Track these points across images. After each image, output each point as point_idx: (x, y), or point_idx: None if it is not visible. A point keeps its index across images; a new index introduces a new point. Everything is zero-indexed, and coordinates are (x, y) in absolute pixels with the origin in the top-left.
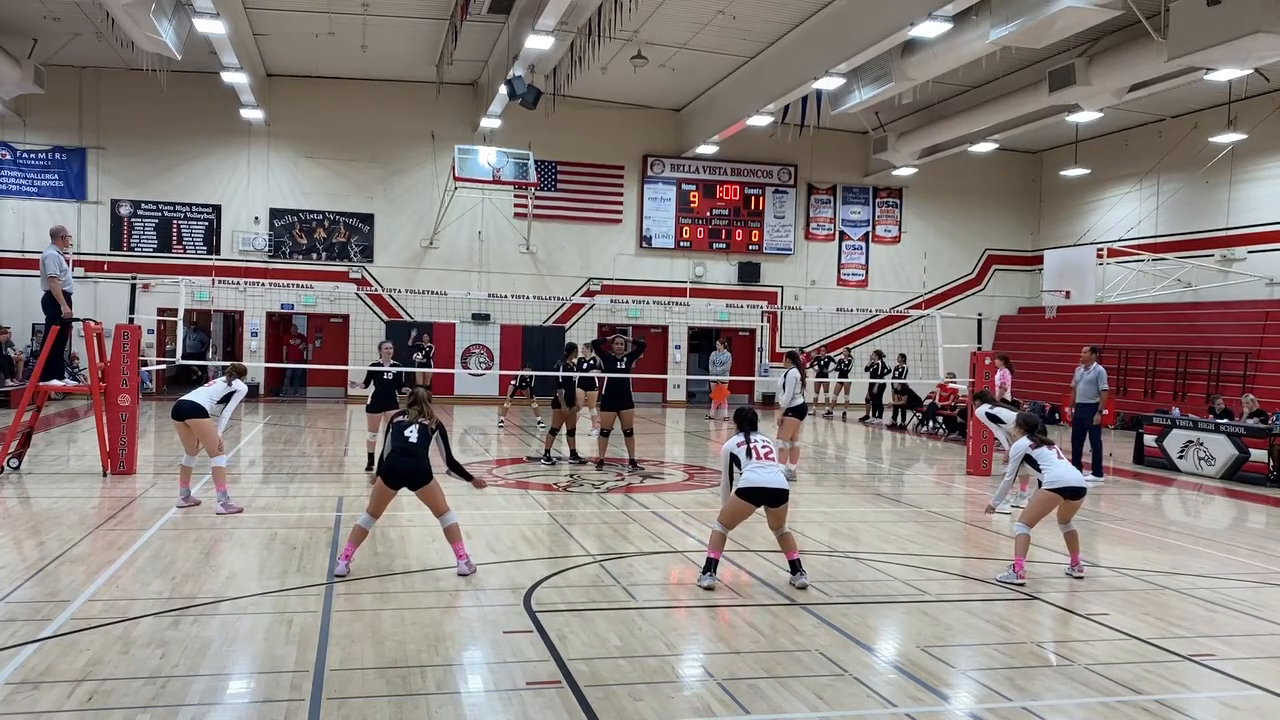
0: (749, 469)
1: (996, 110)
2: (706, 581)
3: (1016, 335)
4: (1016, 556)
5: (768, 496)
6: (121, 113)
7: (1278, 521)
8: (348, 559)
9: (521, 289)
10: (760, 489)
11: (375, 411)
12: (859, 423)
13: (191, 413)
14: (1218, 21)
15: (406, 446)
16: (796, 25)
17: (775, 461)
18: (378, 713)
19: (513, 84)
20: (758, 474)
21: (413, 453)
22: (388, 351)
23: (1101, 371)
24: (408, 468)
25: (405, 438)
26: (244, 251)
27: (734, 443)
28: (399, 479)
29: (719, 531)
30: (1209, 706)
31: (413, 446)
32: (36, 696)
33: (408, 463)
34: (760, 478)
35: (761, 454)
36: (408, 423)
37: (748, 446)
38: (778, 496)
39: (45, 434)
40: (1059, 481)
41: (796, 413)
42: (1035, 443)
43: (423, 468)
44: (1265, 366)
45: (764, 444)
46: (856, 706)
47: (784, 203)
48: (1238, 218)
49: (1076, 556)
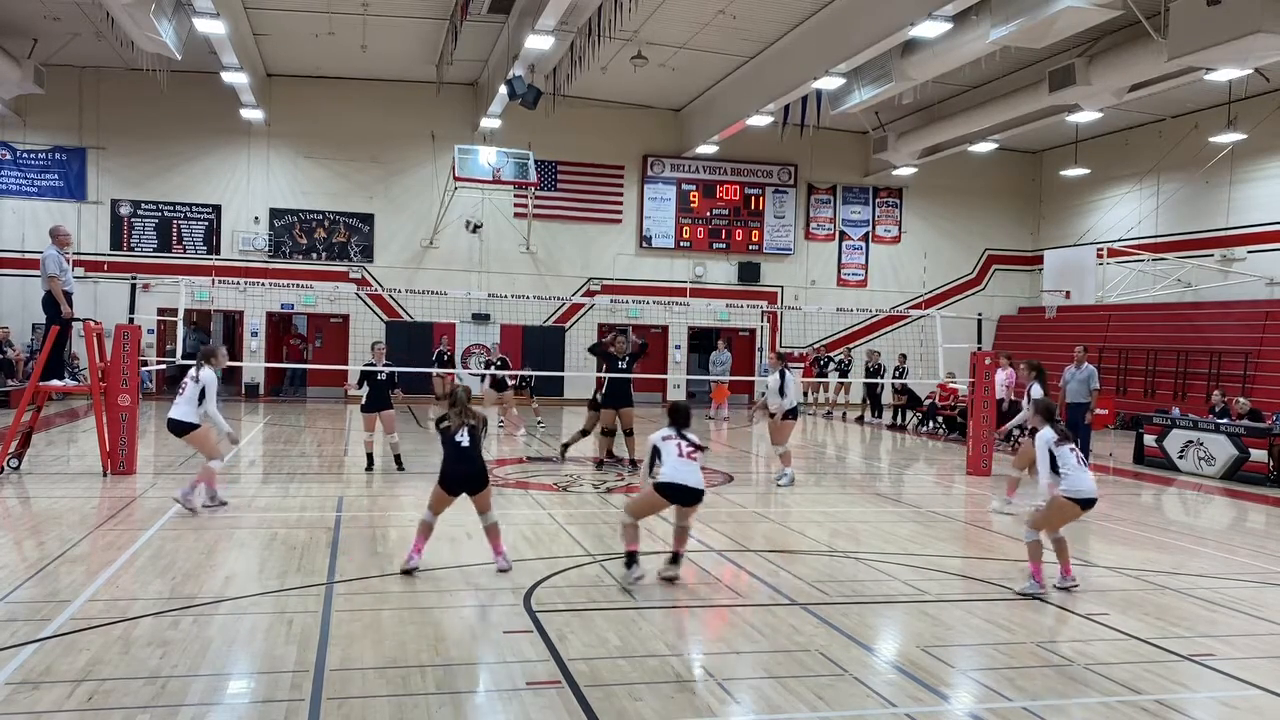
0: (671, 464)
1: (996, 110)
2: (634, 575)
3: (1016, 335)
4: (1033, 564)
5: (685, 495)
6: (121, 113)
7: (1278, 521)
8: (419, 553)
9: (521, 289)
10: (681, 486)
11: (370, 411)
12: (855, 422)
13: (182, 430)
14: (1218, 21)
15: (461, 453)
16: (796, 25)
17: (698, 463)
18: (378, 713)
19: (513, 84)
20: (681, 471)
21: (468, 458)
22: (380, 352)
23: (1093, 371)
24: (464, 474)
25: (458, 444)
26: (244, 251)
27: (661, 435)
28: (458, 486)
29: (630, 523)
30: (1209, 706)
31: (467, 451)
32: (36, 696)
33: (464, 469)
34: (683, 475)
35: (686, 453)
36: (456, 427)
37: (676, 443)
38: (694, 497)
39: (45, 434)
40: (1081, 491)
41: (793, 415)
42: (1058, 436)
43: (479, 471)
44: (1265, 366)
45: (690, 445)
46: (856, 706)
47: (784, 203)
48: (1238, 218)
49: (1069, 565)
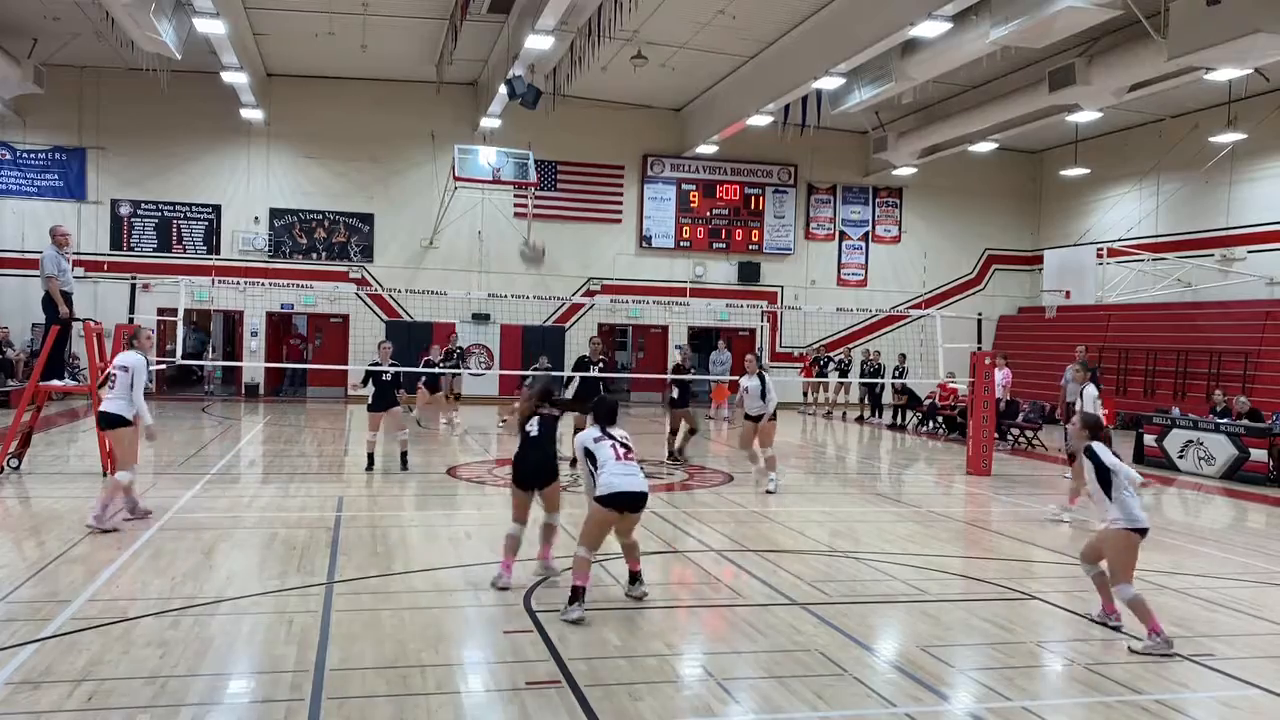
0: (609, 472)
1: (996, 110)
2: (574, 614)
3: (1016, 335)
4: (1147, 620)
5: (632, 502)
6: (121, 113)
7: (1278, 521)
8: (508, 570)
9: (521, 289)
10: (624, 494)
11: (377, 411)
12: (855, 422)
13: (113, 424)
14: (1218, 21)
15: (529, 440)
16: (796, 25)
17: (635, 461)
18: (378, 713)
19: (513, 84)
20: (621, 478)
21: (536, 445)
22: (386, 351)
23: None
24: (532, 462)
25: (527, 433)
26: (244, 251)
27: (591, 437)
28: (528, 479)
29: (583, 556)
30: (1209, 706)
31: (536, 439)
32: (36, 696)
33: (532, 456)
34: (624, 482)
35: (622, 454)
36: (527, 416)
37: (610, 445)
38: (639, 501)
39: (45, 434)
40: (1137, 521)
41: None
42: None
43: (545, 460)
44: (1265, 366)
45: (624, 441)
46: (856, 706)
47: (784, 202)
48: (1238, 217)
49: (1113, 603)
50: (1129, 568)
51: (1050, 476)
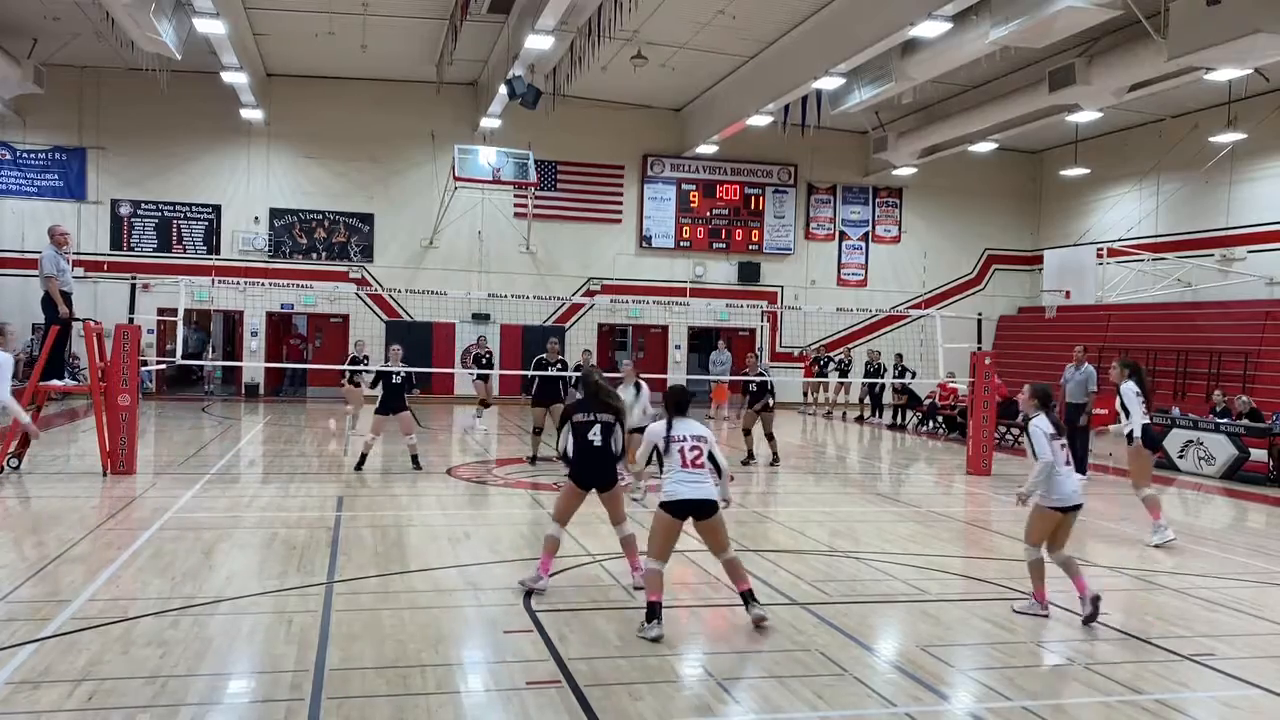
0: (674, 479)
1: (996, 110)
2: (652, 633)
3: (1016, 335)
4: (1035, 585)
5: (693, 509)
6: (121, 113)
7: (1278, 521)
8: (545, 572)
9: (521, 289)
10: (687, 501)
11: (384, 414)
12: (855, 422)
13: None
14: (1218, 21)
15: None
16: (796, 25)
17: (705, 468)
18: (378, 713)
19: (513, 84)
20: (684, 485)
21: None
22: (397, 354)
23: (1092, 372)
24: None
25: (590, 441)
26: (244, 251)
27: (661, 435)
28: (589, 482)
29: (654, 569)
30: (1209, 706)
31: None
32: (36, 696)
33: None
34: (687, 489)
35: (690, 460)
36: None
37: (680, 446)
38: (703, 509)
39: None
40: (1064, 499)
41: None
42: (1054, 430)
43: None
44: (1265, 366)
45: (694, 445)
46: (856, 706)
47: (784, 202)
48: (1238, 217)
49: (1083, 581)
50: (1039, 535)
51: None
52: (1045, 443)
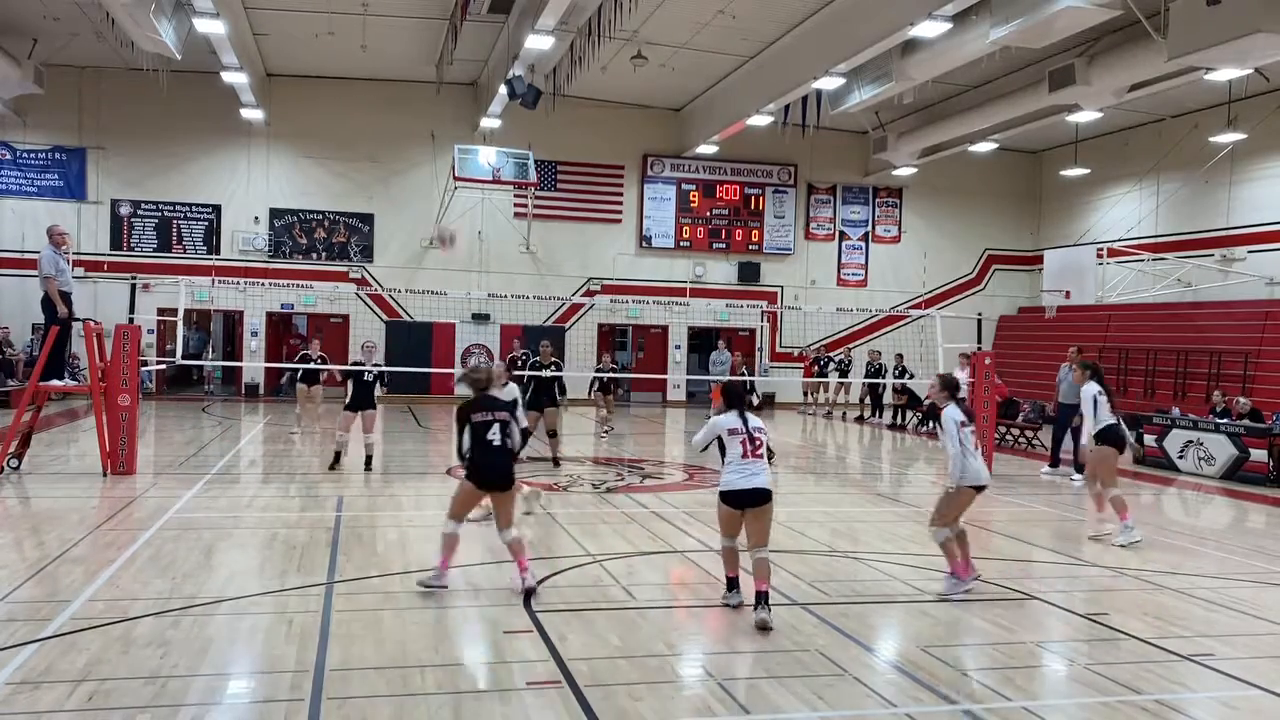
0: (732, 469)
1: (996, 110)
2: (735, 600)
3: (1016, 335)
4: (950, 562)
5: (750, 499)
6: (121, 113)
7: (1278, 521)
8: (445, 569)
9: (521, 289)
10: (744, 491)
11: (352, 410)
12: (855, 422)
13: None
14: (1218, 21)
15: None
16: (796, 25)
17: (764, 458)
18: (378, 713)
19: (513, 84)
20: (741, 477)
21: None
22: (370, 350)
23: None
24: (497, 468)
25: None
26: (244, 251)
27: (725, 426)
28: (487, 484)
29: (729, 546)
30: (1209, 706)
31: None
32: (36, 696)
33: (496, 461)
34: (744, 480)
35: (750, 450)
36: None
37: (742, 438)
38: (760, 498)
39: (45, 434)
40: (979, 478)
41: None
42: (965, 417)
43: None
44: (1265, 366)
45: (756, 436)
46: (856, 706)
47: (784, 202)
48: (1238, 218)
49: (970, 560)
50: (950, 516)
51: (1050, 476)
52: (955, 430)
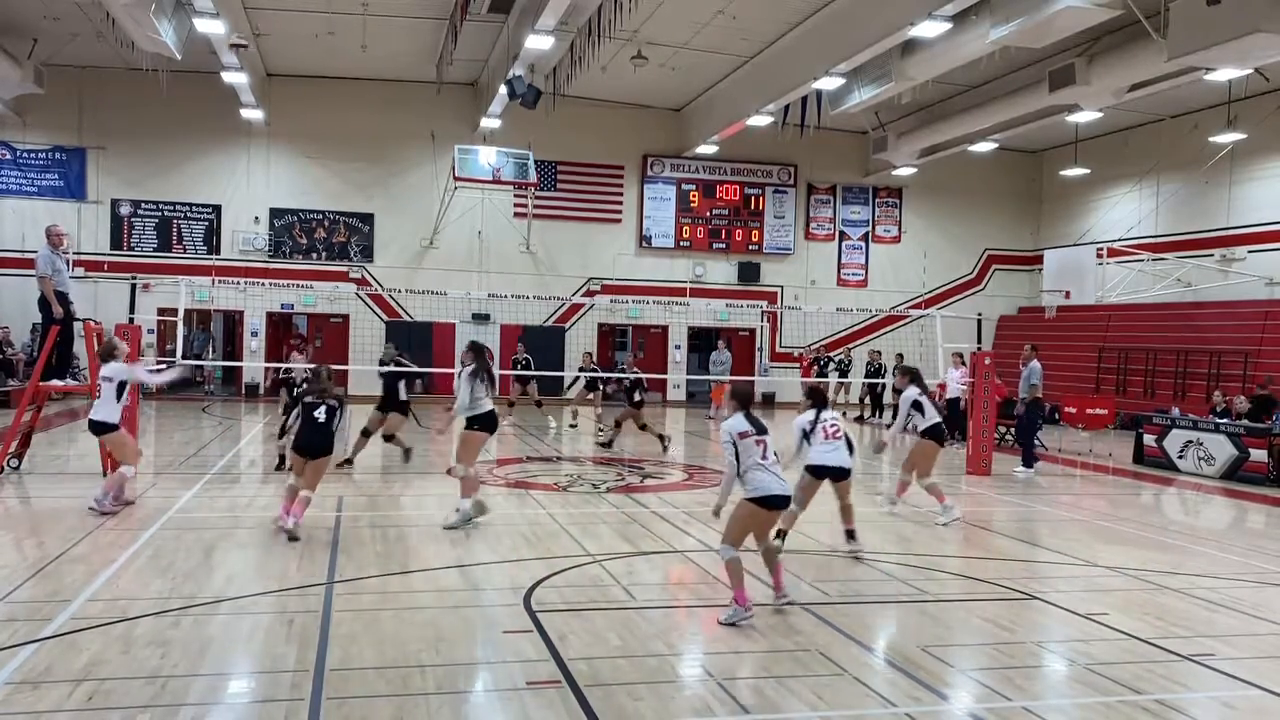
0: (818, 449)
1: (996, 110)
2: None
3: (1016, 335)
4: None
5: (831, 473)
6: (121, 113)
7: (1277, 521)
8: (287, 514)
9: (521, 289)
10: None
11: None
12: (855, 422)
13: (103, 430)
14: (1218, 21)
15: (316, 426)
16: (796, 25)
17: (842, 440)
18: (378, 713)
19: (513, 84)
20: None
21: (323, 431)
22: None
23: (1035, 368)
24: (317, 444)
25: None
26: (244, 251)
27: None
28: (308, 453)
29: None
30: (1209, 706)
31: (323, 426)
32: (36, 696)
33: (317, 439)
34: (827, 457)
35: (830, 433)
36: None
37: (822, 426)
38: (840, 473)
39: (45, 434)
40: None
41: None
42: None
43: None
44: (1265, 366)
45: (834, 423)
46: (856, 706)
47: (784, 203)
48: (1238, 218)
49: (780, 578)
50: (737, 534)
51: (1049, 476)
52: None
